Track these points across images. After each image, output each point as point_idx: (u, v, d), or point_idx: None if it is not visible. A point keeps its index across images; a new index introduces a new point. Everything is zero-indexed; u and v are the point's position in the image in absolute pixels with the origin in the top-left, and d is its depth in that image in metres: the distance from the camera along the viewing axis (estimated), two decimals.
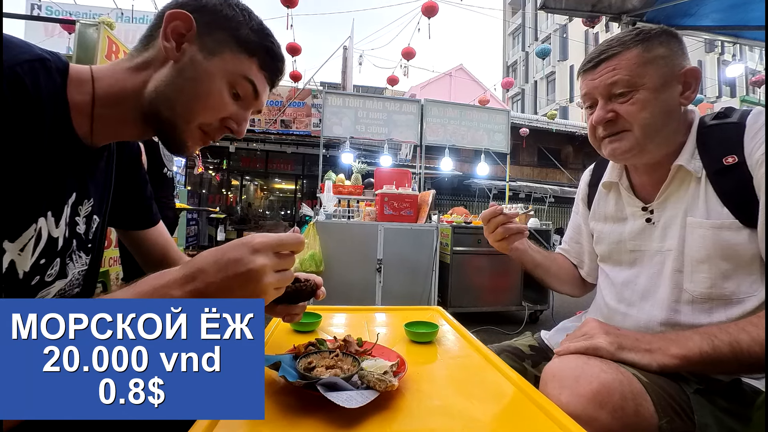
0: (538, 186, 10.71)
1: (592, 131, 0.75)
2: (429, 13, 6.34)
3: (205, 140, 0.59)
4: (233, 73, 0.55)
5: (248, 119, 0.61)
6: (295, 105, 8.16)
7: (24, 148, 0.44)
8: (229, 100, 0.56)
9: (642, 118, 0.67)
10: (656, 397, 0.56)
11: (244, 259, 0.42)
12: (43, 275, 0.52)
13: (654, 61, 0.67)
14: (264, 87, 0.59)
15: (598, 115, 0.71)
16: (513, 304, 3.46)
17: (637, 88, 0.67)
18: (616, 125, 0.70)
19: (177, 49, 0.52)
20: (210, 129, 0.57)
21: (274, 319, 0.85)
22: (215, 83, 0.54)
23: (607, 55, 0.70)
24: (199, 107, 0.54)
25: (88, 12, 7.51)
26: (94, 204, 0.61)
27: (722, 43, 13.31)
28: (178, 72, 0.53)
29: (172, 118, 0.54)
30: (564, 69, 21.86)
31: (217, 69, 0.54)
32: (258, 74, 0.57)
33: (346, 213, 3.30)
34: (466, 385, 0.58)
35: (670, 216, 0.72)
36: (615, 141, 0.71)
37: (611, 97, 0.70)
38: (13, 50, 0.44)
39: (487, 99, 10.29)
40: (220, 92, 0.55)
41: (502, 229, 0.81)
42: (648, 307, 0.73)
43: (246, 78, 0.56)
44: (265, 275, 0.44)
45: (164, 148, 2.45)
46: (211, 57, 0.53)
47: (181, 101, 0.53)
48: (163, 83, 0.53)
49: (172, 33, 0.52)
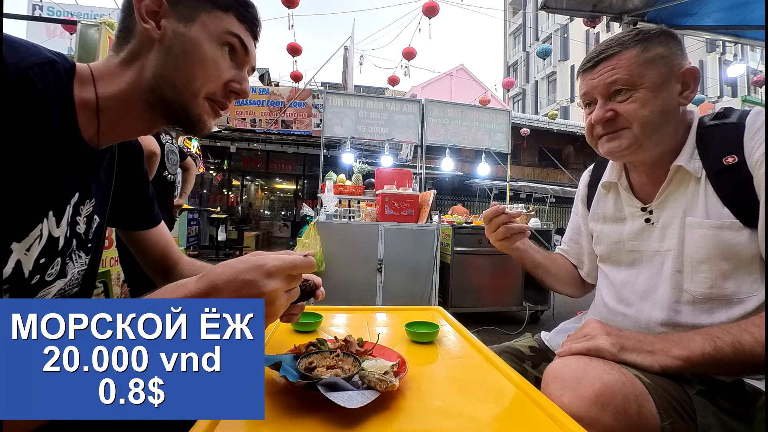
0: (539, 186, 10.70)
1: (589, 130, 0.76)
2: (430, 13, 6.34)
3: (216, 111, 0.58)
4: (216, 32, 0.54)
5: (248, 79, 0.60)
6: (296, 105, 8.17)
7: (33, 151, 0.44)
8: (223, 62, 0.55)
9: (642, 116, 0.67)
10: (659, 398, 0.56)
11: (258, 282, 0.43)
12: (44, 275, 0.52)
13: (653, 60, 0.67)
14: (249, 40, 0.58)
15: (597, 114, 0.71)
16: (514, 304, 3.45)
17: (637, 87, 0.67)
18: (614, 124, 0.70)
19: (157, 27, 0.52)
20: (217, 97, 0.57)
21: None
22: (205, 48, 0.53)
23: (606, 55, 0.70)
24: (198, 77, 0.54)
25: (89, 12, 7.52)
26: (96, 204, 0.61)
27: (723, 42, 13.29)
28: (166, 50, 0.52)
29: (178, 97, 0.54)
30: (565, 69, 21.84)
31: (200, 34, 0.53)
32: (239, 27, 0.56)
33: (347, 213, 3.31)
34: (467, 386, 0.57)
35: (669, 216, 0.72)
36: (613, 139, 0.71)
37: (610, 96, 0.70)
38: (23, 52, 0.44)
39: (488, 99, 10.28)
40: (213, 56, 0.54)
41: (503, 229, 0.81)
42: (647, 307, 0.72)
43: (230, 33, 0.55)
44: (277, 299, 0.45)
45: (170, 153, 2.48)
46: (190, 24, 0.53)
47: (180, 78, 0.53)
48: (158, 66, 0.52)
49: (146, 13, 0.52)
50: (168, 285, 0.44)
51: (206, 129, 0.59)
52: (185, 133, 0.63)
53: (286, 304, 0.47)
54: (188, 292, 0.42)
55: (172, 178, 2.42)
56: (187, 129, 0.58)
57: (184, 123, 0.57)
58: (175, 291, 0.43)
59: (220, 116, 0.60)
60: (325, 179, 3.60)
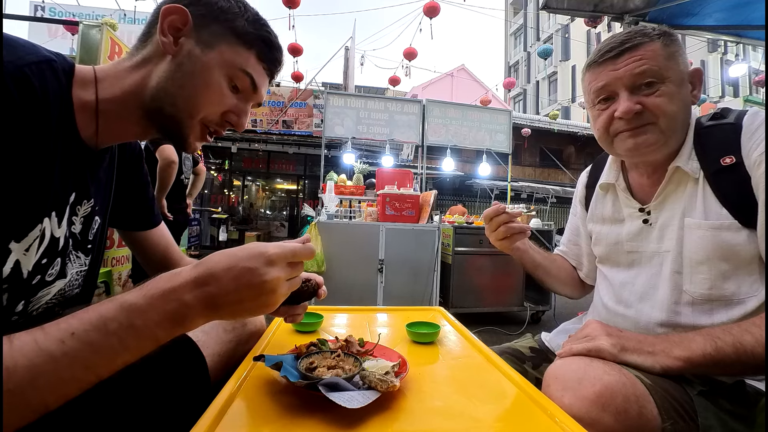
0: (540, 186, 10.69)
1: (606, 125, 0.71)
2: (431, 13, 6.33)
3: (205, 136, 0.58)
4: (231, 65, 0.54)
5: (248, 112, 0.60)
6: (297, 105, 8.16)
7: (31, 149, 0.44)
8: (228, 92, 0.56)
9: (670, 111, 0.65)
10: (659, 399, 0.56)
11: (259, 270, 0.42)
12: (44, 275, 0.52)
13: (674, 55, 0.66)
14: (263, 79, 0.58)
15: (626, 106, 0.66)
16: (515, 304, 3.45)
17: (664, 80, 0.65)
18: (640, 118, 0.67)
19: (174, 44, 0.52)
20: (211, 124, 0.57)
21: (275, 320, 0.85)
22: (213, 76, 0.54)
23: (632, 44, 0.66)
24: (200, 101, 0.54)
25: (91, 13, 7.53)
26: (95, 205, 0.61)
27: (725, 42, 13.24)
28: (176, 66, 0.53)
29: (175, 114, 0.54)
30: (566, 69, 21.80)
31: (214, 62, 0.53)
32: (256, 66, 0.57)
33: (348, 213, 3.31)
34: (468, 386, 0.57)
35: (668, 217, 0.71)
36: (639, 134, 0.68)
37: (636, 89, 0.67)
38: (20, 51, 0.44)
39: (489, 99, 10.26)
40: (219, 85, 0.54)
41: (504, 228, 0.81)
42: (647, 308, 0.72)
43: (243, 71, 0.55)
44: (278, 287, 0.43)
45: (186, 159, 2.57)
46: (208, 50, 0.53)
47: (182, 96, 0.53)
48: (163, 78, 0.53)
49: (168, 28, 0.52)
50: (163, 274, 0.43)
51: (190, 150, 0.60)
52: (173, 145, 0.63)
53: (287, 294, 0.46)
54: (183, 281, 0.41)
55: (186, 181, 2.73)
56: (174, 144, 0.59)
57: (173, 138, 0.57)
58: (169, 280, 0.41)
59: (208, 142, 0.61)
60: (326, 179, 3.60)
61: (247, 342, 0.71)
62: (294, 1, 5.80)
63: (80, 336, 0.36)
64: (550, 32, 22.64)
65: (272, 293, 0.43)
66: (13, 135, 0.42)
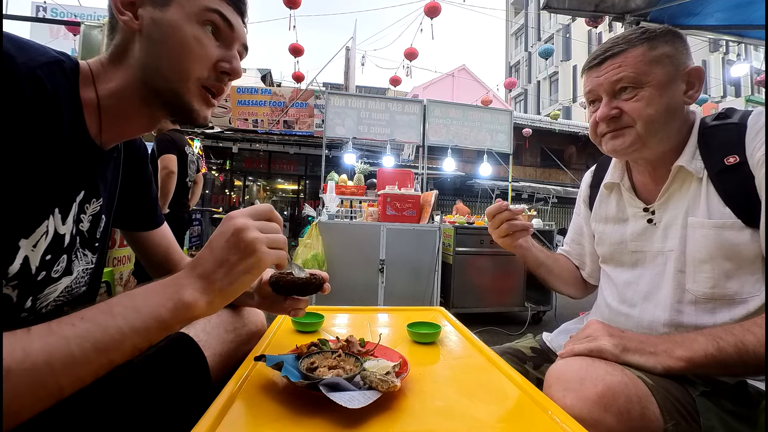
0: (541, 186, 10.68)
1: (593, 128, 0.76)
2: (431, 13, 6.34)
3: (208, 98, 0.56)
4: (194, 11, 0.52)
5: (237, 57, 0.58)
6: (298, 106, 8.17)
7: (42, 149, 0.45)
8: (207, 41, 0.53)
9: (646, 114, 0.67)
10: (662, 399, 0.55)
11: (226, 224, 0.47)
12: (50, 271, 0.52)
13: (659, 59, 0.67)
14: (233, 15, 0.55)
15: (602, 111, 0.71)
16: (516, 304, 3.44)
17: (642, 85, 0.67)
18: (619, 121, 0.70)
19: (135, 18, 0.51)
20: (209, 82, 0.55)
21: (276, 319, 0.85)
22: (185, 30, 0.52)
23: (613, 53, 0.70)
24: (184, 61, 0.52)
25: (92, 13, 7.55)
26: (103, 204, 0.61)
27: (727, 42, 13.22)
28: (147, 39, 0.51)
29: (168, 85, 0.53)
30: (567, 69, 21.79)
31: (178, 15, 0.51)
32: (220, 2, 0.54)
33: (349, 213, 3.31)
34: (469, 386, 0.57)
35: (672, 216, 0.72)
36: (617, 137, 0.71)
37: (615, 94, 0.70)
38: (31, 52, 0.44)
39: (490, 99, 10.26)
40: (195, 36, 0.52)
41: (507, 225, 0.81)
42: (651, 308, 0.72)
43: (208, 9, 0.53)
44: (248, 230, 0.46)
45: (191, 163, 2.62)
46: (166, 7, 0.51)
47: (165, 65, 0.52)
48: (143, 57, 0.52)
49: (122, 4, 0.51)
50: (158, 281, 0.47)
51: (201, 117, 0.57)
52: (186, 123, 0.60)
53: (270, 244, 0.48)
54: (180, 272, 0.47)
55: (190, 184, 2.87)
56: (184, 118, 0.56)
57: (180, 112, 0.55)
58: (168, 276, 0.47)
59: (214, 105, 0.58)
60: (327, 179, 3.60)
61: (248, 342, 0.71)
62: (295, 1, 5.81)
63: (89, 318, 0.40)
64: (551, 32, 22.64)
65: (254, 249, 0.46)
66: (26, 135, 0.42)
